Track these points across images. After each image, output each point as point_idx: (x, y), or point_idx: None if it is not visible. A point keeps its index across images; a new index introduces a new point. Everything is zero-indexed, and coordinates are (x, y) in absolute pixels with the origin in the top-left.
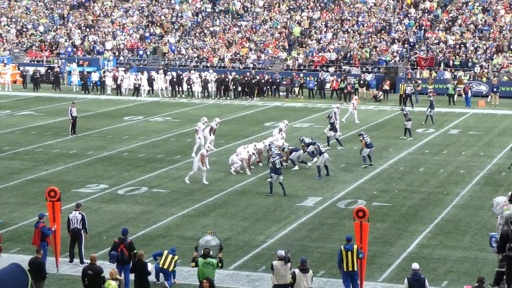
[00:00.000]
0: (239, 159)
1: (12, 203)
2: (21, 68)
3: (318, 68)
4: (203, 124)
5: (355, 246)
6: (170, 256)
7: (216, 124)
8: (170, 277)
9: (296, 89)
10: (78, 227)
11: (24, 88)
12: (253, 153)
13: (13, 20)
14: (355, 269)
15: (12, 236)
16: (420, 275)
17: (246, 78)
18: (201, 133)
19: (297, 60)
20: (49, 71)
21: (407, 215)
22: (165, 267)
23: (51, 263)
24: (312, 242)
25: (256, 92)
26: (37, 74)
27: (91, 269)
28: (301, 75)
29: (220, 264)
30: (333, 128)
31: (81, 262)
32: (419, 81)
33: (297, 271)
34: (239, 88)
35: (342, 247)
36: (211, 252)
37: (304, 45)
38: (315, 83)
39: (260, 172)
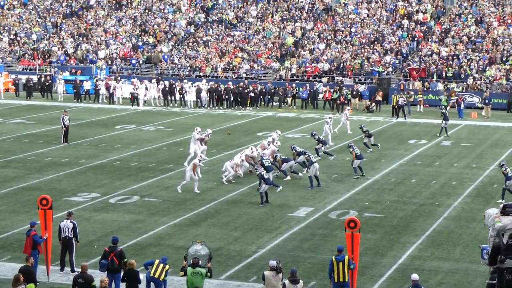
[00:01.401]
0: (231, 165)
1: (3, 211)
2: (14, 77)
3: (311, 78)
4: (198, 133)
5: (347, 257)
6: (161, 265)
7: (208, 136)
8: (161, 287)
9: (289, 99)
10: (69, 235)
11: (17, 96)
12: (242, 160)
13: (6, 28)
14: (346, 280)
15: (3, 244)
16: (420, 286)
17: (239, 88)
18: (194, 143)
19: (290, 70)
20: (41, 79)
21: (399, 226)
22: (156, 276)
23: (42, 272)
24: (304, 252)
25: (248, 102)
26: (30, 82)
27: (82, 277)
28: (294, 85)
29: (209, 274)
30: (320, 142)
31: (72, 270)
32: (411, 92)
33: (287, 282)
34: (232, 98)
35: (333, 257)
36: (200, 261)
37: (297, 56)
38: (308, 93)
39: (252, 182)
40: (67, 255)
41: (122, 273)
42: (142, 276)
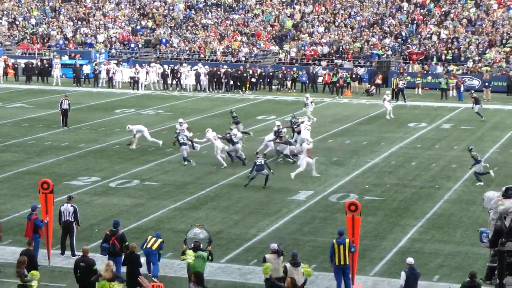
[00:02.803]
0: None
1: (3, 195)
2: (13, 61)
3: (310, 61)
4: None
5: (347, 240)
6: (154, 238)
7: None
8: (156, 258)
9: (288, 83)
10: (70, 219)
11: (16, 80)
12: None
13: (5, 12)
14: (347, 262)
15: (4, 228)
16: (416, 270)
17: (238, 72)
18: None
19: (289, 53)
20: (39, 64)
21: (399, 209)
22: (149, 246)
23: (43, 255)
24: (304, 235)
25: (248, 85)
26: (30, 66)
27: (83, 261)
28: (294, 69)
29: (210, 257)
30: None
31: (73, 254)
32: (405, 75)
33: (288, 265)
34: (231, 82)
35: (334, 240)
36: (201, 245)
37: (296, 39)
38: (308, 76)
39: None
40: (67, 239)
41: (123, 257)
42: (143, 260)
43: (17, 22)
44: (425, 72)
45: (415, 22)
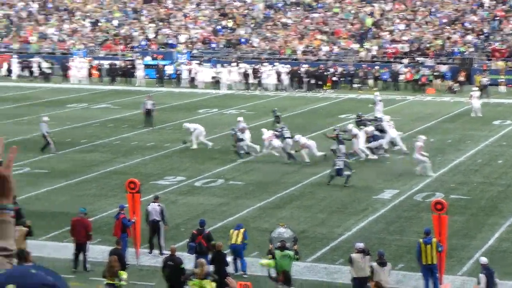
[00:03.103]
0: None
1: (91, 195)
2: (97, 62)
3: (391, 59)
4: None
5: (434, 239)
6: (236, 231)
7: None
8: (242, 252)
9: (370, 81)
10: (157, 218)
11: (100, 81)
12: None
13: (87, 14)
14: (435, 262)
15: (93, 227)
16: (491, 269)
17: (319, 70)
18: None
19: (370, 51)
20: (123, 64)
21: (486, 208)
22: (233, 242)
23: (131, 254)
24: (390, 235)
25: (329, 84)
26: (114, 67)
27: (171, 260)
28: (377, 67)
29: (297, 256)
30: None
31: (161, 253)
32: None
33: (374, 264)
34: (312, 80)
35: (420, 240)
36: (287, 244)
37: (376, 37)
38: (390, 74)
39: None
40: (155, 238)
41: (210, 255)
42: (229, 259)
43: (99, 24)
44: (508, 69)
45: (497, 18)
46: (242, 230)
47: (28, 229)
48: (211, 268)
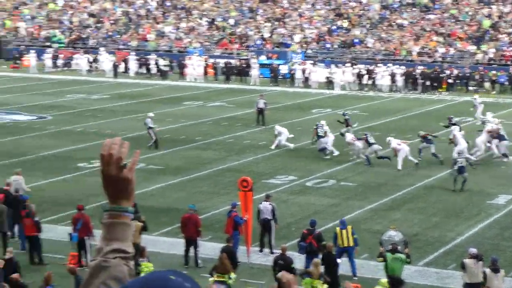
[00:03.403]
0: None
1: (204, 192)
2: (212, 60)
3: (509, 62)
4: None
5: None
6: (343, 231)
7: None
8: (353, 253)
9: (487, 84)
10: (269, 217)
11: (215, 80)
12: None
13: (204, 13)
14: None
15: (205, 224)
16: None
17: (434, 72)
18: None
19: (487, 54)
20: (238, 63)
21: None
22: (345, 245)
23: (242, 252)
24: (504, 241)
25: (444, 86)
26: (229, 65)
27: (281, 259)
28: (494, 72)
29: (408, 260)
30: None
31: (271, 252)
32: None
33: (488, 270)
34: (427, 82)
35: None
36: (398, 247)
37: (494, 39)
38: (507, 78)
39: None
40: (266, 236)
41: (320, 256)
42: (339, 260)
43: (216, 23)
44: None
45: None
46: (350, 229)
47: (143, 224)
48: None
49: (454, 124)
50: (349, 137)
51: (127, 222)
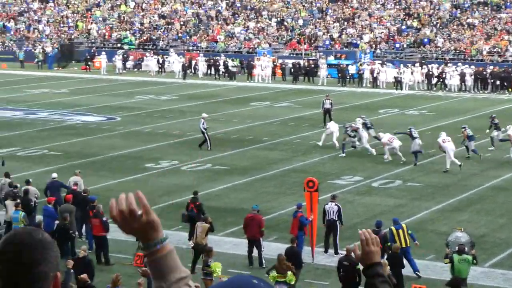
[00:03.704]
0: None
1: (270, 193)
2: (281, 61)
3: None
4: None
5: None
6: (400, 230)
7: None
8: (409, 252)
9: None
10: (334, 218)
11: (283, 80)
12: None
13: (273, 13)
14: None
15: (270, 224)
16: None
17: (505, 72)
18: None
19: None
20: (306, 64)
21: None
22: (403, 245)
23: (307, 253)
24: None
25: None
26: (297, 66)
27: (346, 260)
28: None
29: (475, 261)
30: (496, 128)
31: (336, 253)
32: None
33: None
34: (497, 82)
35: None
36: (465, 248)
37: None
38: None
39: None
40: (331, 237)
41: (385, 257)
42: (405, 261)
43: (285, 23)
44: None
45: None
46: (405, 227)
47: (210, 226)
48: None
49: (496, 124)
50: (386, 137)
51: (165, 252)
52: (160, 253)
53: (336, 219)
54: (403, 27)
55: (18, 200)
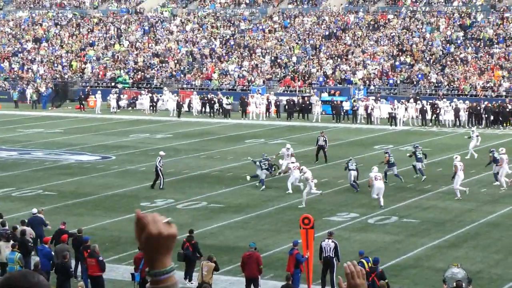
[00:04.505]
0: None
1: (266, 230)
2: (275, 98)
3: None
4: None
5: None
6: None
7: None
8: None
9: None
10: (331, 255)
11: (278, 117)
12: None
13: (267, 51)
14: None
15: (266, 262)
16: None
17: (500, 107)
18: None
19: None
20: (300, 101)
21: None
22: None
23: None
24: None
25: (510, 120)
26: (291, 103)
27: None
28: None
29: None
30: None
31: None
32: None
33: None
34: (492, 117)
35: None
36: (463, 284)
37: None
38: None
39: None
40: (327, 274)
41: None
42: None
43: (278, 60)
44: None
45: None
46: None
47: (215, 264)
48: None
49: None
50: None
51: (168, 284)
52: (163, 283)
53: (333, 256)
54: (397, 63)
55: (14, 242)
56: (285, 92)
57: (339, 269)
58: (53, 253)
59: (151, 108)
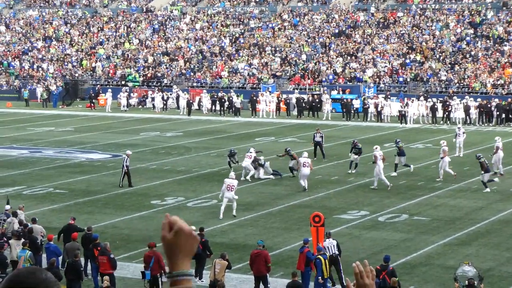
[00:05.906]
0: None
1: (276, 228)
2: (285, 96)
3: None
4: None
5: None
6: (326, 260)
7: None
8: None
9: None
10: (336, 252)
11: (288, 115)
12: None
13: (277, 49)
14: None
15: (276, 260)
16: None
17: (510, 104)
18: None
19: None
20: (310, 99)
21: None
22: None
23: None
24: None
25: None
26: (301, 101)
27: None
28: None
29: None
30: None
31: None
32: None
33: None
34: (503, 115)
35: None
36: (475, 282)
37: None
38: None
39: None
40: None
41: None
42: None
43: (288, 58)
44: None
45: None
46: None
47: (228, 262)
48: None
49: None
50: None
51: (184, 286)
52: (183, 284)
53: (338, 253)
54: (407, 61)
55: (25, 240)
56: (295, 90)
57: (348, 267)
58: (60, 249)
59: (164, 106)
